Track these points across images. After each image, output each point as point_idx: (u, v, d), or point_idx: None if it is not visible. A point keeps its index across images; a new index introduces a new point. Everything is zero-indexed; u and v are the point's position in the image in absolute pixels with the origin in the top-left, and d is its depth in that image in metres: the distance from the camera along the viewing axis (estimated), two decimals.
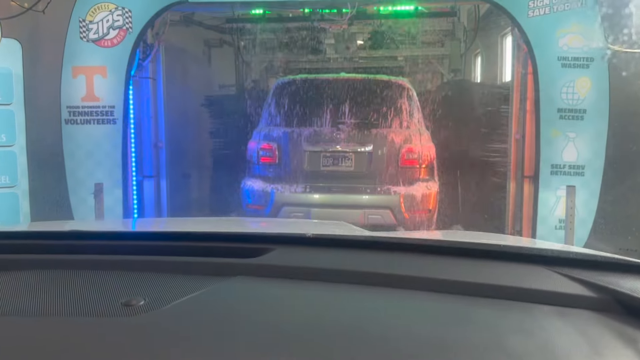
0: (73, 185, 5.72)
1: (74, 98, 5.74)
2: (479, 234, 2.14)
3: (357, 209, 5.42)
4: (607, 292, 1.12)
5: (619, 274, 1.24)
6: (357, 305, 1.12)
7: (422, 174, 5.68)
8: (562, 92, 5.50)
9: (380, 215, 5.43)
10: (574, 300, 1.11)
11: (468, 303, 1.11)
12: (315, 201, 5.49)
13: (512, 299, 1.12)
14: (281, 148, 5.64)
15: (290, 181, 5.58)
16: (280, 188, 5.56)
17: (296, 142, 5.61)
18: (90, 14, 5.72)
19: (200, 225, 1.98)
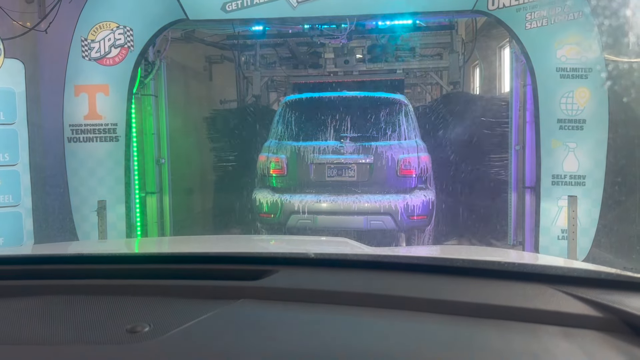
0: (76, 203, 5.75)
1: (77, 116, 5.78)
2: (482, 248, 2.14)
3: (360, 216, 5.80)
4: (613, 312, 1.10)
5: (624, 292, 1.23)
6: (361, 327, 1.12)
7: (419, 183, 6.06)
8: (562, 103, 5.53)
9: (381, 221, 5.81)
10: (580, 321, 1.09)
11: (472, 324, 1.11)
12: (321, 209, 5.85)
13: (516, 320, 1.11)
14: (289, 160, 6.05)
15: (297, 191, 6.00)
16: (288, 197, 5.94)
17: (303, 155, 6.02)
18: (92, 33, 5.78)
19: (203, 245, 1.98)
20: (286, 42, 8.59)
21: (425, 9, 5.70)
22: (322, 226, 5.86)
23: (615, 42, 6.09)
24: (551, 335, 1.04)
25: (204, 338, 1.05)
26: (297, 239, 3.58)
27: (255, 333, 1.08)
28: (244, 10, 5.68)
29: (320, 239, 2.99)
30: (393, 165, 5.99)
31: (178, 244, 2.26)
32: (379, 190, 5.96)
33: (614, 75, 5.80)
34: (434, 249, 2.88)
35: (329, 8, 5.64)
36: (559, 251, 5.51)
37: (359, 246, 1.96)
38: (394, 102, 6.35)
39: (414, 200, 5.89)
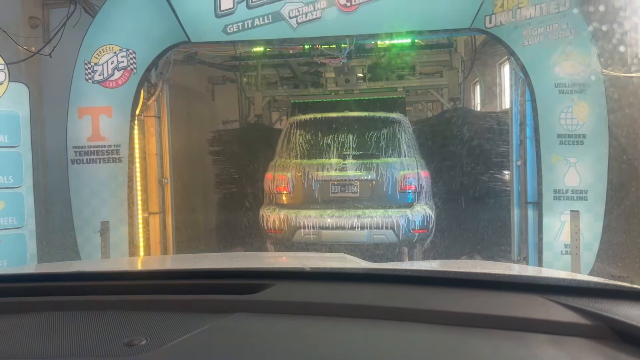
0: (79, 224, 5.77)
1: (80, 138, 5.84)
2: (483, 262, 2.15)
3: (363, 230, 6.02)
4: (601, 319, 1.12)
5: (612, 301, 1.25)
6: (355, 339, 1.14)
7: (419, 197, 6.30)
8: (561, 118, 5.55)
9: (384, 234, 6.04)
10: (568, 328, 1.11)
11: (463, 334, 1.13)
12: (326, 224, 6.05)
13: (506, 329, 1.13)
14: (294, 178, 6.30)
15: (303, 207, 6.22)
16: (294, 213, 6.16)
17: (308, 173, 6.26)
18: (95, 56, 5.87)
19: (201, 262, 2.00)
20: (287, 62, 8.69)
21: (423, 27, 5.77)
22: (326, 241, 6.07)
23: (613, 57, 6.16)
24: (540, 343, 1.06)
25: (199, 351, 1.07)
26: (294, 255, 3.59)
27: (250, 346, 1.10)
28: (245, 32, 5.76)
29: (318, 255, 3.00)
30: (394, 181, 6.22)
31: (176, 261, 2.28)
32: (381, 205, 6.17)
33: (612, 89, 5.84)
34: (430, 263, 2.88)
35: (328, 28, 5.71)
36: (563, 266, 5.48)
37: (357, 261, 1.97)
38: (393, 121, 6.61)
39: (415, 214, 6.11)
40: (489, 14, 5.51)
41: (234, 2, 5.69)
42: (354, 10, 5.60)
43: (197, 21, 5.78)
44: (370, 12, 5.58)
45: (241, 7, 5.70)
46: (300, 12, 5.63)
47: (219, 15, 5.72)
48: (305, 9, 5.63)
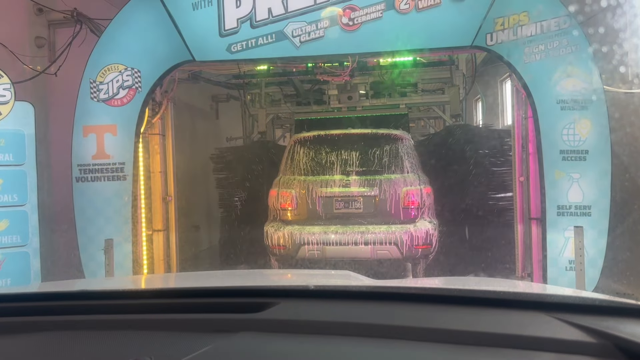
0: (84, 242, 5.79)
1: (85, 156, 5.88)
2: (487, 279, 2.14)
3: (367, 246, 6.08)
4: (607, 338, 1.12)
5: (618, 318, 1.25)
6: (361, 358, 1.14)
7: (422, 213, 6.35)
8: (563, 134, 5.56)
9: (387, 250, 6.10)
10: (574, 347, 1.11)
11: (469, 352, 1.13)
12: (330, 240, 6.12)
13: (512, 347, 1.13)
14: (298, 194, 6.36)
15: (307, 223, 6.28)
16: (298, 230, 6.22)
17: (311, 189, 6.35)
18: (100, 75, 5.93)
19: (205, 280, 2.01)
20: (290, 80, 8.76)
21: (425, 45, 5.82)
22: (330, 257, 6.14)
23: (614, 73, 6.19)
24: None
25: None
26: (298, 272, 3.59)
27: None
28: (249, 51, 5.82)
29: (322, 272, 3.00)
30: (397, 197, 6.29)
31: (180, 280, 2.28)
32: (385, 221, 6.23)
33: (614, 105, 5.87)
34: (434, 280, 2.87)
35: (331, 47, 5.77)
36: (568, 282, 5.45)
37: (361, 278, 1.97)
38: (395, 138, 6.69)
39: (418, 230, 6.17)
40: (489, 32, 5.56)
41: (238, 22, 5.77)
42: (356, 29, 5.66)
43: (201, 40, 5.85)
44: (372, 31, 5.64)
45: (245, 26, 5.77)
46: (303, 31, 5.70)
47: (223, 34, 5.79)
48: (309, 28, 5.70)
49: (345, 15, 5.66)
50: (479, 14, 5.53)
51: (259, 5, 5.74)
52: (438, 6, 5.56)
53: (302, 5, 5.69)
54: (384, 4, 5.61)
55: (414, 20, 5.60)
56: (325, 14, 5.69)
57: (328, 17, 5.69)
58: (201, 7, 5.80)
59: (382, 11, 5.62)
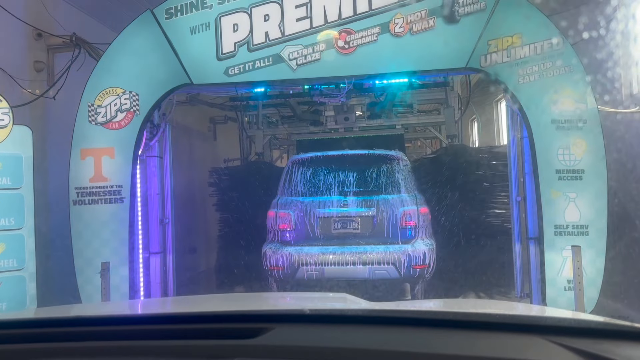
0: (80, 265, 5.76)
1: (83, 179, 5.88)
2: (486, 301, 2.14)
3: (365, 266, 6.12)
4: None
5: (614, 341, 1.25)
6: None
7: (419, 233, 6.38)
8: (559, 154, 5.60)
9: (385, 270, 6.14)
10: None
11: None
12: (328, 260, 6.16)
13: None
14: (297, 215, 6.41)
15: (305, 244, 6.32)
16: (297, 250, 6.27)
17: (309, 210, 6.39)
18: (98, 98, 5.97)
19: (200, 305, 2.00)
20: (287, 102, 8.82)
21: (420, 68, 5.90)
22: (329, 277, 6.17)
23: (608, 93, 6.27)
24: None
25: None
26: (294, 295, 3.57)
27: None
28: (246, 74, 5.88)
29: (318, 295, 2.98)
30: (394, 217, 6.34)
31: (176, 305, 2.27)
32: (382, 241, 6.28)
33: (608, 125, 5.92)
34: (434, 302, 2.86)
35: (327, 69, 5.84)
36: (567, 302, 5.43)
37: (357, 301, 1.97)
38: (392, 158, 6.79)
39: (415, 250, 6.21)
40: (484, 54, 5.63)
41: (235, 46, 5.84)
42: (352, 52, 5.73)
43: (199, 64, 5.92)
44: (367, 53, 5.72)
45: (242, 50, 5.84)
46: (300, 54, 5.77)
47: (220, 58, 5.86)
48: (305, 51, 5.77)
49: (341, 38, 5.73)
50: (473, 36, 5.61)
51: (256, 29, 5.82)
52: (432, 29, 5.65)
53: (299, 29, 5.77)
54: (379, 27, 5.69)
55: (408, 43, 5.68)
56: (321, 37, 5.77)
57: (324, 40, 5.76)
58: (199, 32, 5.88)
59: (377, 34, 5.69)
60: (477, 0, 5.59)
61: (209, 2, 5.88)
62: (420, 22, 5.64)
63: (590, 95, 5.60)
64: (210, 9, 5.87)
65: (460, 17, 5.61)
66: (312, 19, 5.77)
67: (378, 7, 5.69)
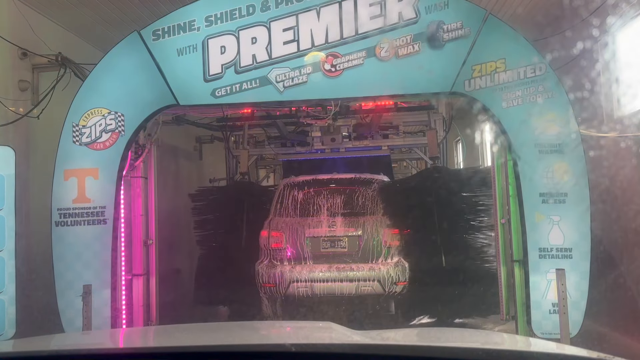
0: (61, 288, 5.65)
1: (65, 200, 5.80)
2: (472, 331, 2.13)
3: (352, 282, 6.56)
4: None
5: None
6: None
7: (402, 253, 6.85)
8: (542, 177, 5.66)
9: (370, 286, 6.60)
10: None
11: None
12: (317, 277, 6.58)
13: None
14: (288, 235, 6.81)
15: (296, 262, 6.74)
16: (288, 268, 6.68)
17: (300, 230, 6.81)
18: (83, 118, 5.93)
19: (182, 337, 1.96)
20: (274, 122, 8.84)
21: (405, 91, 5.97)
22: (318, 293, 6.57)
23: (590, 118, 6.38)
24: None
25: None
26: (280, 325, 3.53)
27: None
28: (233, 96, 5.88)
29: (305, 324, 2.96)
30: (379, 237, 6.81)
31: (157, 336, 2.23)
32: (368, 259, 6.73)
33: (590, 149, 6.02)
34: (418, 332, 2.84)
35: (314, 92, 5.87)
36: (552, 325, 5.45)
37: (342, 331, 1.95)
38: (377, 182, 7.29)
39: (398, 267, 6.68)
40: (467, 79, 5.72)
41: (222, 67, 5.85)
42: (339, 75, 5.78)
43: (186, 85, 5.91)
44: (354, 76, 5.76)
45: (229, 72, 5.86)
46: (287, 76, 5.80)
47: (207, 79, 5.86)
48: (292, 73, 5.80)
49: (327, 61, 5.78)
50: (457, 61, 5.70)
51: (244, 51, 5.85)
52: (417, 54, 5.72)
53: (286, 52, 5.81)
54: (365, 51, 5.75)
55: (394, 67, 5.74)
56: (308, 60, 5.81)
57: (311, 63, 5.81)
58: (186, 53, 5.89)
59: (363, 58, 5.75)
60: (462, 26, 5.68)
61: (196, 24, 5.90)
62: (405, 46, 5.72)
63: (572, 120, 5.69)
64: (197, 31, 5.89)
65: (444, 42, 5.69)
66: (299, 42, 5.82)
67: (364, 32, 5.76)
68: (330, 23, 5.78)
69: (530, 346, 1.96)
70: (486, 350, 1.53)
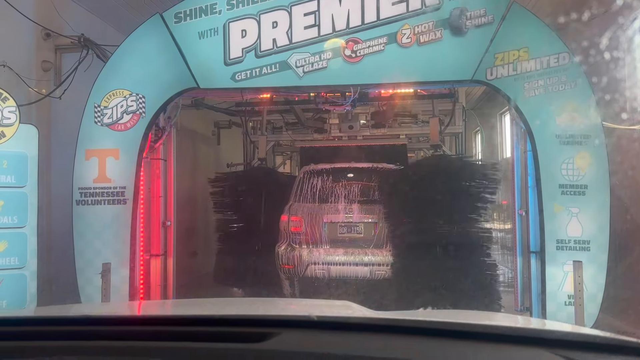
0: (81, 266, 5.75)
1: (86, 179, 5.89)
2: (488, 314, 2.13)
3: (366, 267, 6.82)
4: None
5: (618, 356, 1.25)
6: None
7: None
8: (562, 168, 5.60)
9: (384, 270, 6.81)
10: None
11: None
12: (334, 261, 6.88)
13: None
14: (307, 220, 7.08)
15: (314, 245, 7.01)
16: (306, 251, 6.97)
17: (318, 215, 7.07)
18: (105, 100, 5.99)
19: (206, 308, 2.00)
20: (292, 108, 8.85)
21: (425, 78, 5.92)
22: (334, 275, 6.86)
23: (612, 109, 6.28)
24: None
25: None
26: (299, 302, 3.57)
27: None
28: (253, 80, 5.90)
29: (324, 302, 2.99)
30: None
31: (181, 307, 2.28)
32: (382, 245, 6.92)
33: (612, 141, 5.93)
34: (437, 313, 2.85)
35: (334, 78, 5.86)
36: (567, 317, 5.42)
37: (361, 309, 1.97)
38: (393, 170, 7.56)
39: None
40: (489, 67, 5.66)
41: (242, 51, 5.87)
42: (359, 61, 5.76)
43: (206, 68, 5.94)
44: (374, 63, 5.74)
45: (250, 56, 5.87)
46: (306, 62, 5.80)
47: (228, 63, 5.89)
48: (312, 59, 5.80)
49: (348, 47, 5.76)
50: (480, 49, 5.64)
51: (264, 35, 5.85)
52: (439, 41, 5.67)
53: (306, 36, 5.80)
54: (386, 37, 5.72)
55: (415, 53, 5.70)
56: (328, 45, 5.80)
57: (331, 48, 5.79)
58: (207, 36, 5.91)
59: (384, 44, 5.72)
60: (485, 14, 5.62)
61: (218, 8, 5.91)
62: (427, 33, 5.67)
63: (595, 111, 5.61)
64: (219, 15, 5.91)
65: (467, 29, 5.64)
66: (320, 27, 5.80)
67: (386, 18, 5.72)
68: (351, 8, 5.75)
69: (545, 326, 1.96)
70: (506, 328, 1.53)
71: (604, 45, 6.38)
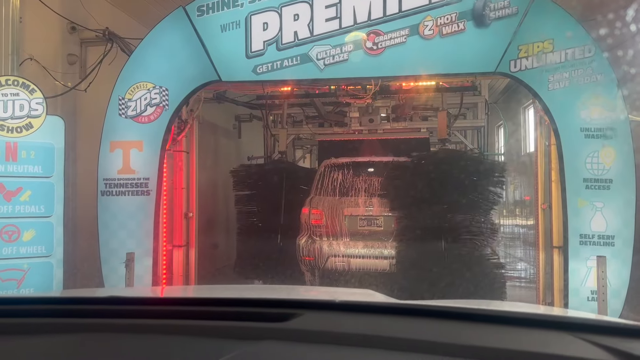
0: (105, 255, 5.87)
1: (111, 171, 6.00)
2: (509, 303, 2.12)
3: (386, 260, 6.83)
4: (633, 359, 1.12)
5: None
6: None
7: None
8: (587, 162, 5.52)
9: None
10: None
11: None
12: (353, 253, 6.92)
13: None
14: (327, 213, 7.11)
15: (334, 238, 7.05)
16: (326, 243, 7.02)
17: (339, 208, 7.10)
18: (129, 92, 6.08)
19: (229, 292, 2.03)
20: (313, 102, 8.86)
21: (448, 71, 5.87)
22: (354, 267, 6.89)
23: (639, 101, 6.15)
24: None
25: None
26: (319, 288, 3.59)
27: None
28: (274, 73, 5.92)
29: (345, 290, 3.00)
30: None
31: (205, 290, 2.32)
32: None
33: (638, 135, 5.81)
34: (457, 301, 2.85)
35: (354, 70, 5.84)
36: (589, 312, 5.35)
37: (382, 297, 1.98)
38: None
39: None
40: (513, 59, 5.58)
41: (264, 44, 5.89)
42: (380, 53, 5.74)
43: (228, 61, 5.98)
44: (395, 55, 5.71)
45: (271, 48, 5.89)
46: (327, 54, 5.80)
47: (249, 56, 5.92)
48: (333, 51, 5.79)
49: (369, 39, 5.74)
50: (503, 40, 5.57)
51: (285, 28, 5.86)
52: (462, 32, 5.62)
53: (328, 29, 5.80)
54: (408, 29, 5.68)
55: (437, 45, 5.66)
56: (349, 38, 5.78)
57: (352, 41, 5.78)
58: (229, 29, 5.95)
59: (406, 36, 5.69)
60: (509, 5, 5.54)
61: (240, 1, 5.94)
62: (450, 25, 5.62)
63: (621, 104, 5.50)
64: (241, 7, 5.94)
65: (491, 21, 5.57)
66: (342, 20, 5.79)
67: (408, 9, 5.68)
68: (373, 0, 5.73)
69: (566, 314, 1.95)
70: (528, 314, 1.53)
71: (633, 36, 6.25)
